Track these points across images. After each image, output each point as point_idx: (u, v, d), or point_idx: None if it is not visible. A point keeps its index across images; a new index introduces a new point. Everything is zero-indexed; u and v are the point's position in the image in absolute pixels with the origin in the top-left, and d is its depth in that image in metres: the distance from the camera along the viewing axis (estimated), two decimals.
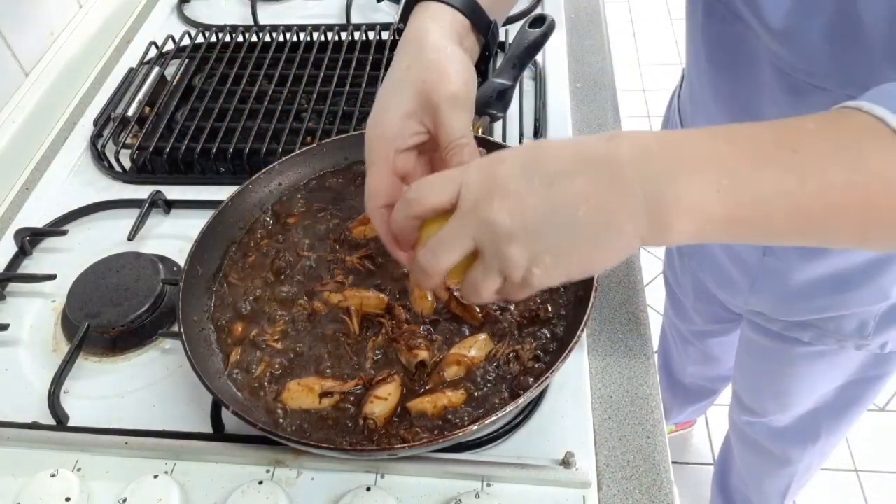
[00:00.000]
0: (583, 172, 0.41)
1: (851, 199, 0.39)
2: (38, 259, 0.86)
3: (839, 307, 0.81)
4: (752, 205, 0.39)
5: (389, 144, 0.55)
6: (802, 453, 1.14)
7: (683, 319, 1.30)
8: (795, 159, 0.39)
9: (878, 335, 0.84)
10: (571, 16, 1.13)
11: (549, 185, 0.41)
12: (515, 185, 0.42)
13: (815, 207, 0.39)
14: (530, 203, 0.42)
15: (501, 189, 0.42)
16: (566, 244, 0.42)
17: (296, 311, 0.69)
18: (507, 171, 0.43)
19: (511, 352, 0.64)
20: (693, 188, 0.39)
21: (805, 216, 0.40)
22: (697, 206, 0.39)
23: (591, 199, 0.41)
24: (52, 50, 1.06)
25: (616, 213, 0.41)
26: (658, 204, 0.40)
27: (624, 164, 0.40)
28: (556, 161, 0.42)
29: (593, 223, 0.41)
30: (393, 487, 0.61)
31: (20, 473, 0.65)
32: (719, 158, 0.40)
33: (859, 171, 0.39)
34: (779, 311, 0.89)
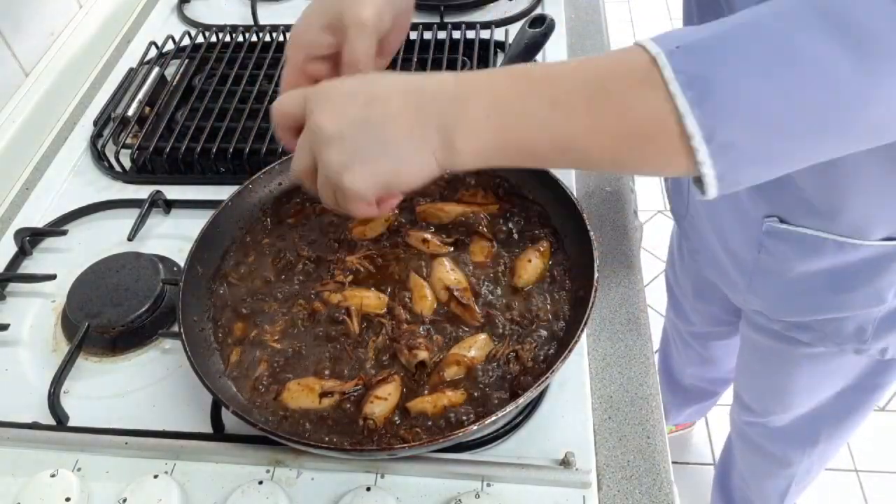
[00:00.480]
0: (396, 97, 0.49)
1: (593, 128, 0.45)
2: (38, 259, 0.86)
3: (836, 309, 0.81)
4: (515, 129, 0.47)
5: (302, 49, 0.61)
6: (802, 456, 1.14)
7: (683, 320, 1.30)
8: (550, 92, 0.46)
9: (876, 340, 0.84)
10: (571, 16, 1.13)
11: (368, 102, 0.48)
12: (342, 98, 0.50)
13: (567, 135, 0.46)
14: (349, 113, 0.48)
15: (331, 101, 0.50)
16: (373, 153, 0.48)
17: (296, 311, 0.69)
18: (341, 87, 0.51)
19: (511, 352, 0.64)
20: (470, 113, 0.47)
21: (560, 144, 0.46)
22: (474, 131, 0.47)
23: (398, 118, 0.48)
24: (52, 50, 1.06)
25: (414, 130, 0.48)
26: (445, 127, 0.47)
27: (427, 93, 0.49)
28: (381, 85, 0.50)
29: (396, 137, 0.48)
30: (393, 487, 0.61)
31: (20, 473, 0.65)
32: (493, 91, 0.47)
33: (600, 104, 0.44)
34: (776, 311, 0.89)
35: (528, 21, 0.82)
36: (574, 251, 0.70)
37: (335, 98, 0.50)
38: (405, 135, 0.48)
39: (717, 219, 0.87)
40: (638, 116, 0.44)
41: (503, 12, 1.13)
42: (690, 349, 1.36)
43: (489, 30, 1.07)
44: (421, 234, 0.73)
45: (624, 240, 0.81)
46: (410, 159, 0.48)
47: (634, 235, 0.82)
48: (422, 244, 0.72)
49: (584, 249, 0.66)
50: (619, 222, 0.83)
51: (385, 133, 0.48)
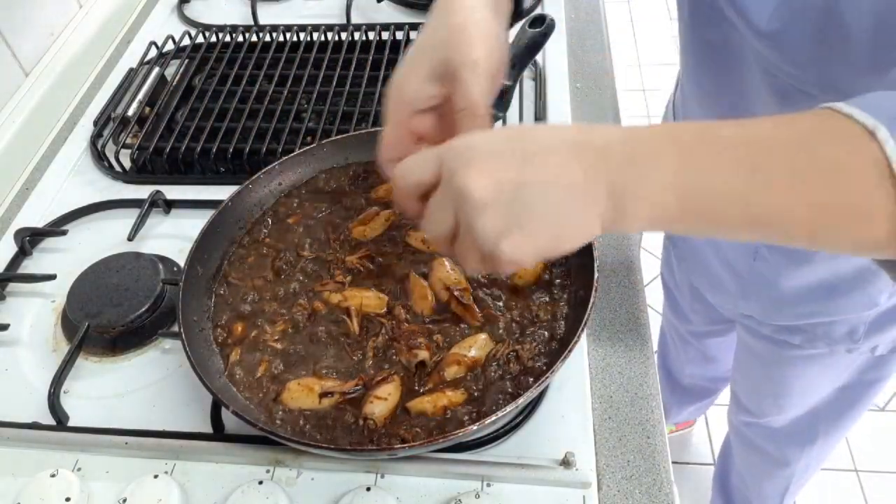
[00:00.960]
0: (557, 154, 0.43)
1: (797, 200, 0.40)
2: (38, 259, 0.86)
3: (828, 313, 0.81)
4: (704, 198, 0.41)
5: (406, 105, 0.56)
6: (800, 454, 1.15)
7: (681, 320, 1.30)
8: (748, 156, 0.41)
9: (867, 339, 0.84)
10: (571, 16, 1.13)
11: (524, 161, 0.43)
12: (493, 158, 0.43)
13: (763, 205, 0.41)
14: (505, 176, 0.43)
15: (479, 160, 0.43)
16: (535, 220, 0.43)
17: (296, 311, 0.69)
18: (487, 144, 0.44)
19: (511, 352, 0.64)
20: (650, 178, 0.41)
21: (753, 213, 0.41)
22: (653, 194, 0.42)
23: (562, 179, 0.42)
24: (52, 50, 1.06)
25: (582, 194, 0.42)
26: (619, 190, 0.42)
27: (593, 149, 0.43)
28: (533, 140, 0.44)
29: (561, 202, 0.43)
30: (393, 487, 0.61)
31: (20, 473, 0.65)
32: (677, 152, 0.42)
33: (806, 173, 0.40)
34: (769, 316, 0.89)
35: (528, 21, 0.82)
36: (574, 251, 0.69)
37: (483, 158, 0.43)
38: (570, 200, 0.42)
39: None
40: (848, 190, 0.39)
41: None
42: (689, 348, 1.36)
43: None
44: (421, 234, 0.73)
45: (624, 241, 0.81)
46: (575, 225, 0.43)
47: (634, 236, 0.82)
48: (422, 244, 0.72)
49: (584, 249, 0.66)
50: None
51: (546, 197, 0.42)
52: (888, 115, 0.38)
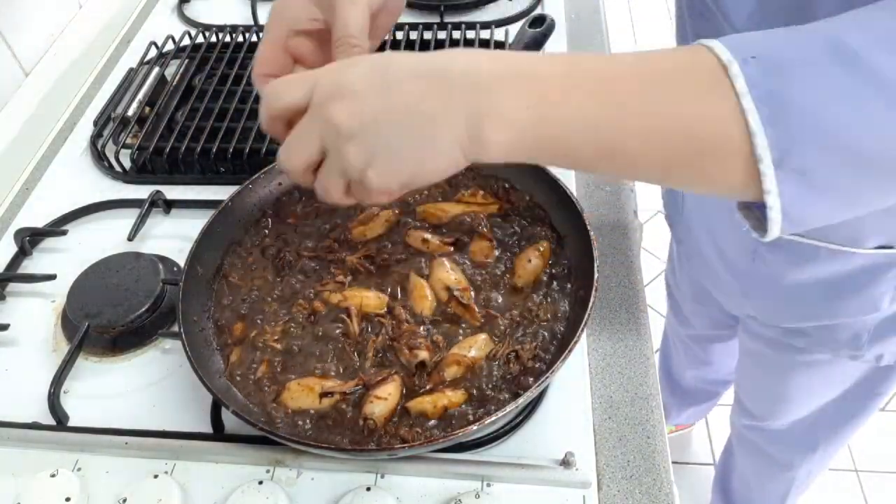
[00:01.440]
0: (419, 79, 0.43)
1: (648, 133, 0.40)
2: (38, 259, 0.85)
3: (830, 316, 0.81)
4: (557, 125, 0.42)
5: (285, 22, 0.57)
6: (802, 460, 1.14)
7: (683, 324, 1.30)
8: (604, 88, 0.41)
9: (872, 347, 0.83)
10: (571, 16, 1.13)
11: (389, 88, 0.43)
12: (360, 87, 0.44)
13: (615, 137, 0.41)
14: (369, 104, 0.43)
15: (347, 90, 0.44)
16: (397, 147, 0.44)
17: (296, 311, 0.69)
18: (355, 74, 0.45)
19: (511, 352, 0.64)
20: (506, 102, 0.42)
21: (606, 145, 0.42)
22: (507, 122, 0.42)
23: (421, 104, 0.43)
24: (52, 50, 1.06)
25: (440, 118, 0.43)
26: (475, 115, 0.42)
27: (455, 74, 0.43)
28: (399, 68, 0.44)
29: (420, 126, 0.43)
30: (393, 487, 0.61)
31: (20, 473, 0.65)
32: (536, 78, 0.42)
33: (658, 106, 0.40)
34: (771, 317, 0.89)
35: (528, 21, 0.82)
36: (574, 251, 0.70)
37: (350, 88, 0.44)
38: (428, 126, 0.43)
39: (712, 225, 0.87)
40: (700, 126, 0.39)
41: (503, 12, 1.13)
42: (690, 352, 1.36)
43: (489, 30, 1.07)
44: (421, 234, 0.73)
45: (624, 240, 0.81)
46: (436, 152, 0.44)
47: (634, 235, 0.82)
48: (422, 244, 0.72)
49: (585, 249, 0.66)
50: (619, 222, 0.83)
51: (407, 125, 0.43)
52: (750, 51, 0.38)
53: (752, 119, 0.37)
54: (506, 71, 0.43)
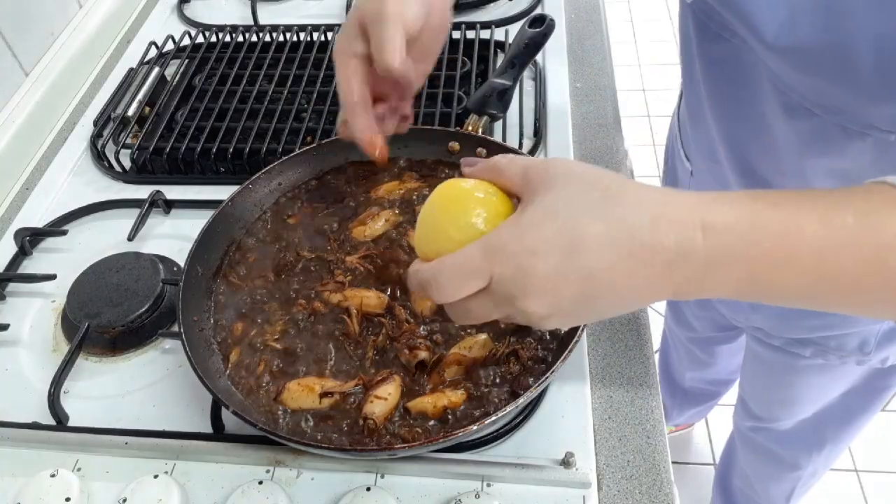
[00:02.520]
0: (621, 266, 0.40)
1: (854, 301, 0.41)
2: (38, 259, 0.86)
3: (839, 326, 0.81)
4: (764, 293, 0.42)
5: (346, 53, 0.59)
6: (808, 459, 1.14)
7: (684, 327, 1.29)
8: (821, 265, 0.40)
9: (879, 351, 0.83)
10: (571, 16, 1.13)
11: (587, 279, 0.41)
12: (552, 284, 0.41)
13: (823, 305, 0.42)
14: (567, 295, 0.42)
15: (538, 289, 0.41)
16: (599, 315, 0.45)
17: (296, 311, 0.69)
18: (543, 269, 0.41)
19: (511, 352, 0.64)
20: (716, 281, 0.41)
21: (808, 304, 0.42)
22: (714, 293, 0.42)
23: (624, 295, 0.42)
24: (52, 50, 1.06)
25: (646, 296, 0.42)
26: (684, 292, 0.42)
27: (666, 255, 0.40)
28: (594, 253, 0.41)
29: (627, 303, 0.43)
30: (393, 487, 0.61)
31: (20, 473, 0.65)
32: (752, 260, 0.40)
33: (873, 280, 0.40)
34: (778, 329, 0.89)
35: (528, 21, 0.82)
36: None
37: (541, 283, 0.41)
38: (636, 300, 0.42)
39: None
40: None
41: (503, 12, 1.13)
42: (691, 354, 1.36)
43: (489, 30, 1.07)
44: None
45: None
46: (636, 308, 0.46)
47: None
48: None
49: None
50: None
51: (612, 301, 0.42)
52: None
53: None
54: (723, 251, 0.40)
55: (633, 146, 1.12)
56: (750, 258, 0.40)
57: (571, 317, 0.44)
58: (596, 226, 0.41)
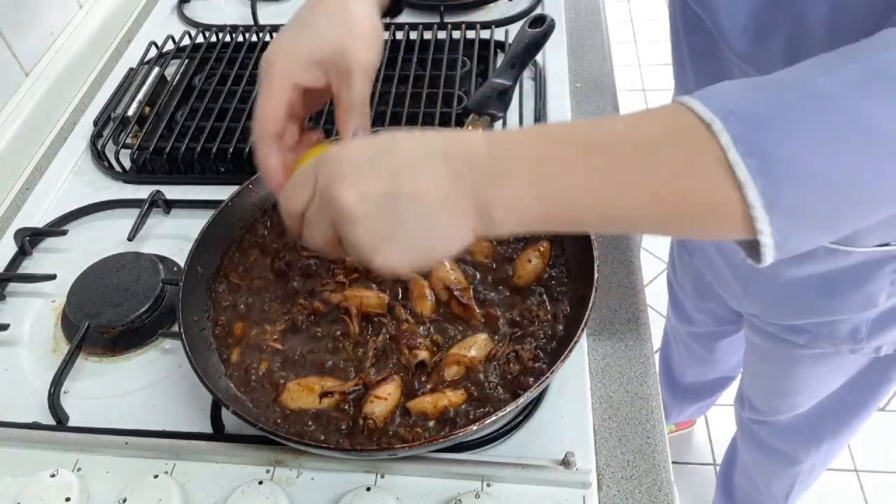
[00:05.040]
0: (424, 167, 0.45)
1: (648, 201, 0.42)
2: (38, 259, 0.86)
3: (829, 312, 0.82)
4: (562, 204, 0.44)
5: (291, 78, 0.57)
6: (807, 454, 1.15)
7: (685, 322, 1.30)
8: (599, 162, 0.43)
9: (871, 339, 0.84)
10: (571, 16, 1.13)
11: (394, 174, 0.44)
12: (365, 171, 0.45)
13: (617, 206, 0.43)
14: (374, 190, 0.44)
15: (351, 173, 0.45)
16: (406, 233, 0.45)
17: (296, 311, 0.69)
18: (359, 157, 0.46)
19: (511, 352, 0.64)
20: (511, 191, 0.44)
21: (608, 214, 0.44)
22: (515, 205, 0.44)
23: (429, 193, 0.44)
24: (52, 50, 1.06)
25: (451, 206, 0.44)
26: (484, 202, 0.44)
27: (460, 162, 0.44)
28: (402, 153, 0.45)
29: (430, 215, 0.44)
30: (393, 487, 0.61)
31: (20, 473, 0.65)
32: (535, 162, 0.44)
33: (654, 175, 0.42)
34: (771, 314, 0.89)
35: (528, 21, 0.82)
36: (574, 251, 0.70)
37: (354, 170, 0.45)
38: (439, 211, 0.44)
39: None
40: (693, 185, 0.41)
41: (503, 12, 1.13)
42: (692, 350, 1.36)
43: (489, 30, 1.07)
44: None
45: (624, 240, 0.81)
46: (446, 234, 0.45)
47: (635, 237, 0.82)
48: None
49: (584, 249, 0.66)
50: None
51: (417, 210, 0.44)
52: (728, 107, 0.40)
53: (740, 171, 0.39)
54: (507, 156, 0.44)
55: None
56: (531, 157, 0.44)
57: (380, 223, 0.45)
58: (407, 137, 0.46)
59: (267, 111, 0.57)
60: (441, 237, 0.45)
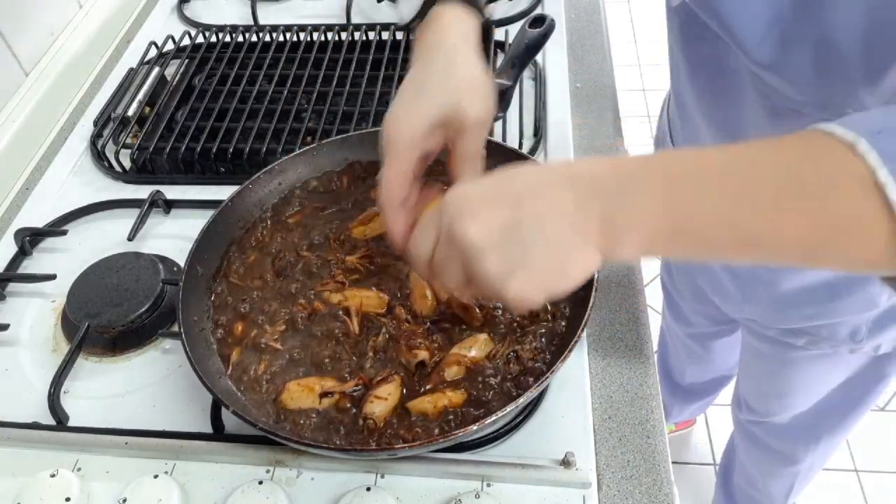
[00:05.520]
0: (546, 192, 0.44)
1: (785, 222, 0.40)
2: (38, 259, 0.86)
3: (830, 315, 0.82)
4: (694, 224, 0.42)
5: (415, 148, 0.57)
6: (805, 453, 1.15)
7: (681, 323, 1.30)
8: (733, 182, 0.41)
9: (870, 339, 0.84)
10: (571, 16, 1.13)
11: (516, 201, 0.44)
12: (485, 203, 0.45)
13: (751, 229, 0.41)
14: (499, 219, 0.44)
15: (472, 208, 0.45)
16: (534, 257, 0.44)
17: (296, 311, 0.69)
18: (479, 191, 0.46)
19: (511, 352, 0.64)
20: (640, 205, 0.42)
21: (742, 238, 0.42)
22: (644, 222, 0.42)
23: (554, 213, 0.44)
24: (52, 50, 1.06)
25: (576, 225, 0.43)
26: (611, 223, 0.43)
27: (582, 183, 0.44)
28: (522, 182, 0.45)
29: (557, 236, 0.44)
30: (393, 487, 0.61)
31: (20, 473, 0.65)
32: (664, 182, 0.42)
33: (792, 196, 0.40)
34: (770, 319, 0.89)
35: (528, 21, 0.82)
36: None
37: (475, 204, 0.45)
38: (565, 233, 0.43)
39: None
40: (837, 207, 0.39)
41: (503, 12, 1.13)
42: (690, 350, 1.36)
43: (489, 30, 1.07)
44: None
45: None
46: (575, 257, 0.44)
47: None
48: None
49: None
50: None
51: (544, 234, 0.44)
52: (868, 129, 0.38)
53: (891, 190, 0.37)
54: (634, 174, 0.43)
55: (632, 146, 1.12)
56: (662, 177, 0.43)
57: (508, 253, 0.44)
58: (526, 169, 0.46)
59: (394, 182, 0.57)
60: (569, 259, 0.45)
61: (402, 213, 0.58)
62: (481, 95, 0.58)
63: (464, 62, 0.59)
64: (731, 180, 0.41)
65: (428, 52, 0.60)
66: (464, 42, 0.60)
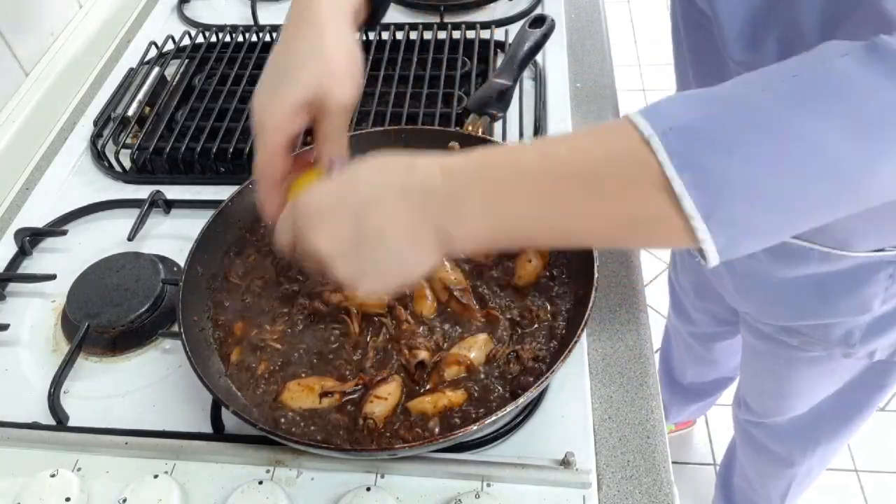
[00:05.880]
0: (384, 202, 0.48)
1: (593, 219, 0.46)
2: (38, 259, 0.86)
3: (822, 315, 0.82)
4: (513, 226, 0.47)
5: (280, 132, 0.59)
6: (803, 456, 1.15)
7: (685, 321, 1.30)
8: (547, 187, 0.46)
9: (864, 344, 0.84)
10: (571, 16, 1.13)
11: (356, 217, 0.48)
12: (329, 217, 0.49)
13: (564, 228, 0.47)
14: (341, 234, 0.49)
15: (318, 221, 0.50)
16: (377, 266, 0.49)
17: (296, 311, 0.69)
18: (324, 203, 0.50)
19: (511, 352, 0.64)
20: (465, 216, 0.47)
21: (558, 232, 0.47)
22: (471, 229, 0.47)
23: (392, 227, 0.48)
24: (52, 50, 1.06)
25: (413, 238, 0.48)
26: (443, 227, 0.47)
27: (415, 192, 0.47)
28: (363, 193, 0.49)
29: (396, 248, 0.48)
30: (393, 487, 0.61)
31: (20, 473, 0.65)
32: (486, 186, 0.47)
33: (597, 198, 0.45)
34: (763, 314, 0.90)
35: (529, 21, 0.82)
36: (574, 251, 0.70)
37: (322, 217, 0.50)
38: (404, 242, 0.48)
39: None
40: (636, 204, 0.44)
41: (503, 12, 1.13)
42: (693, 350, 1.37)
43: (489, 30, 1.07)
44: None
45: None
46: (414, 261, 0.49)
47: None
48: None
49: (584, 249, 0.66)
50: None
51: (384, 245, 0.48)
52: (668, 123, 0.42)
53: (677, 185, 0.41)
54: (458, 180, 0.47)
55: None
56: (481, 183, 0.47)
57: (354, 261, 0.49)
58: (367, 173, 0.50)
59: (266, 164, 0.59)
60: (410, 264, 0.49)
61: (275, 192, 0.61)
62: (347, 76, 0.59)
63: (333, 37, 0.59)
64: (542, 185, 0.46)
65: (297, 24, 0.60)
66: (335, 13, 0.60)
